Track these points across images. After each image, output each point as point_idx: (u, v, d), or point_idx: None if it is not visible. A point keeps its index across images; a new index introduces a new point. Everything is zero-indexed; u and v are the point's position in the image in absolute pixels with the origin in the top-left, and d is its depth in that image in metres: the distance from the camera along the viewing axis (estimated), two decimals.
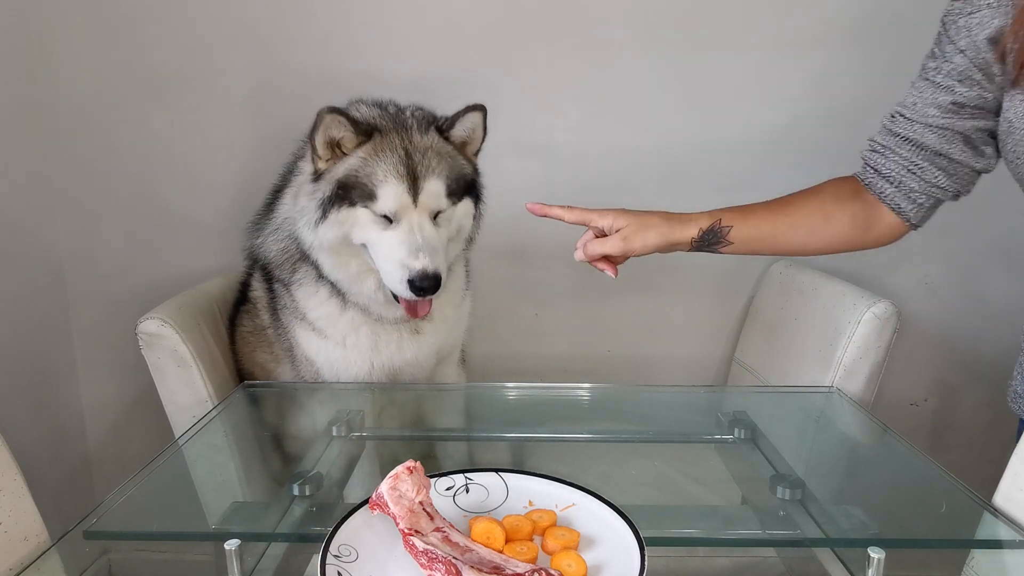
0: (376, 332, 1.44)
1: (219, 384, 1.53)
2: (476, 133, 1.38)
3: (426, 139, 1.32)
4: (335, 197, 1.28)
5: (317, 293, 1.42)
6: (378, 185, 1.26)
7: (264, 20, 1.81)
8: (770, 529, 1.10)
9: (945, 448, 2.11)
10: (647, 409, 1.57)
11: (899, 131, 1.16)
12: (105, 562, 0.98)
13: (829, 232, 1.21)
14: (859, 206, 1.20)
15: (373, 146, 1.29)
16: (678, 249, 1.24)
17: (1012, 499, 1.03)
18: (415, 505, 0.88)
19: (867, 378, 1.50)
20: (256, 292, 1.60)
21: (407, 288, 1.25)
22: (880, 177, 1.18)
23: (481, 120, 1.36)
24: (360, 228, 1.29)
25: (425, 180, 1.28)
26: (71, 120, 1.85)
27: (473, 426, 1.54)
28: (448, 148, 1.35)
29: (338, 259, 1.35)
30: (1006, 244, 1.97)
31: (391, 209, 1.27)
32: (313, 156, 1.32)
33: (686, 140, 1.90)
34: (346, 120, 1.27)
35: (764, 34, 1.84)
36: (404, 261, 1.25)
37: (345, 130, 1.28)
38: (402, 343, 1.46)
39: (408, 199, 1.27)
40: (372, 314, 1.43)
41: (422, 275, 1.24)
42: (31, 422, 1.82)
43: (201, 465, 1.27)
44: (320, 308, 1.43)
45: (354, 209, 1.28)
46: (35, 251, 1.85)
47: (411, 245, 1.25)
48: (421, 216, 1.28)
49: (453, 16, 1.83)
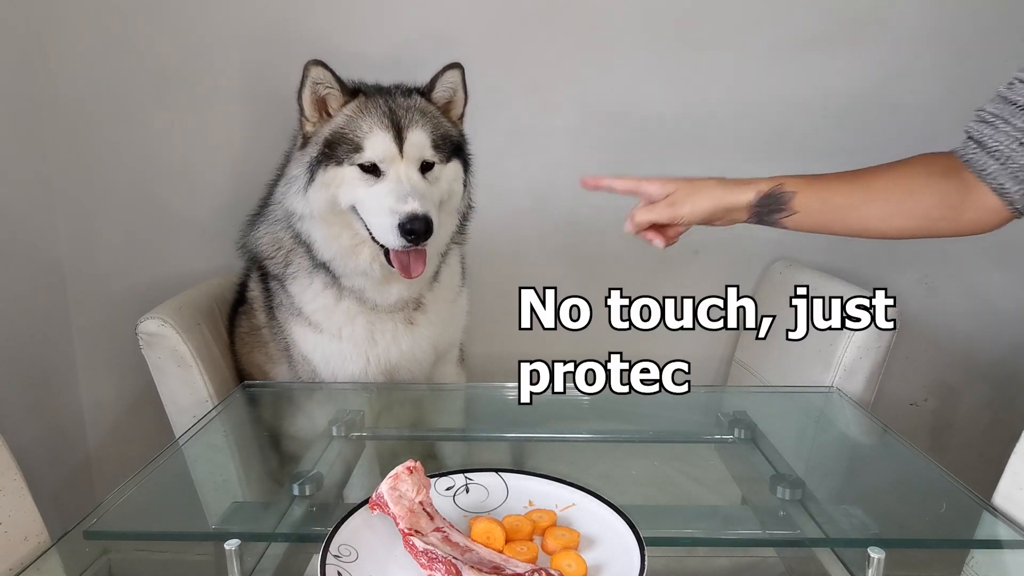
0: (372, 322, 1.43)
1: (219, 384, 1.53)
2: (457, 94, 1.41)
3: (410, 100, 1.36)
4: (322, 157, 1.30)
5: (312, 285, 1.42)
6: (363, 137, 1.28)
7: (264, 20, 1.81)
8: (770, 529, 1.10)
9: (945, 448, 2.11)
10: (647, 409, 1.57)
11: (1018, 98, 0.98)
12: (105, 562, 0.98)
13: (912, 209, 1.05)
14: (952, 184, 1.04)
15: (358, 104, 1.33)
16: (734, 218, 1.11)
17: (1012, 499, 1.03)
18: (415, 505, 0.88)
19: (867, 378, 1.50)
20: (253, 292, 1.60)
21: (398, 235, 1.23)
22: (984, 152, 1.01)
23: (460, 78, 1.39)
24: (348, 187, 1.29)
25: (409, 131, 1.30)
26: (71, 120, 1.85)
27: (473, 426, 1.54)
28: (432, 108, 1.38)
29: (329, 231, 1.34)
30: (1006, 244, 1.97)
31: (377, 158, 1.28)
32: (301, 119, 1.34)
33: (686, 140, 1.90)
34: (331, 75, 1.31)
35: (764, 34, 1.84)
36: (393, 207, 1.24)
37: (330, 87, 1.31)
38: (397, 334, 1.45)
39: (394, 148, 1.28)
40: (367, 301, 1.41)
41: (411, 216, 1.22)
42: (31, 422, 1.82)
43: (201, 465, 1.27)
44: (316, 300, 1.43)
45: (341, 168, 1.29)
46: (35, 251, 1.85)
47: (399, 192, 1.25)
48: (408, 167, 1.29)
49: (454, 17, 1.82)
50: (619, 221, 2.03)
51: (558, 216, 1.95)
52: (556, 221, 1.95)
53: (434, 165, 1.34)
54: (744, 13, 1.83)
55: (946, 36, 1.84)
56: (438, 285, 1.50)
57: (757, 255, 1.97)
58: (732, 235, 1.97)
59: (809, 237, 1.94)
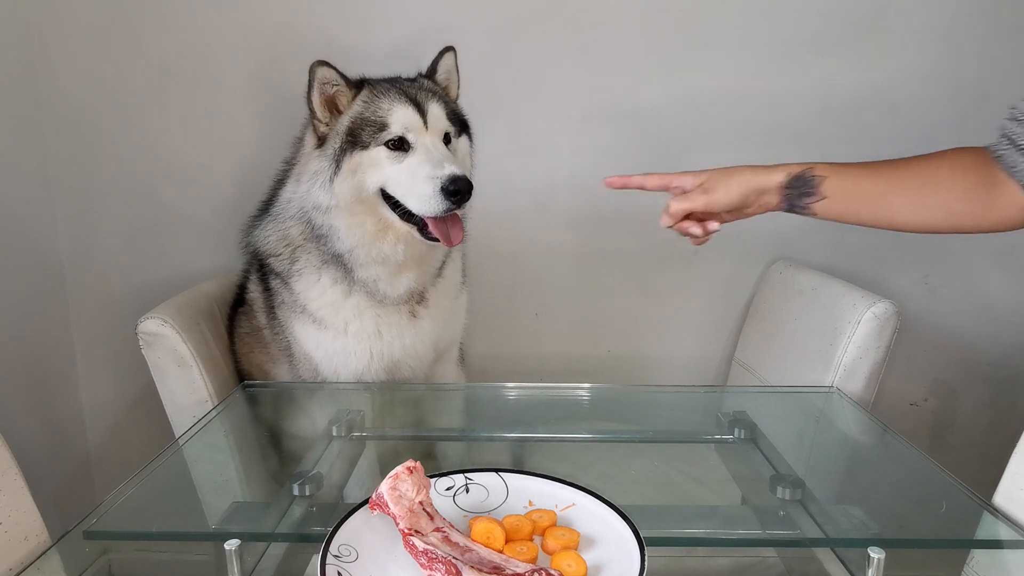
0: (379, 316, 1.45)
1: (219, 384, 1.53)
2: (452, 76, 1.48)
3: (417, 82, 1.43)
4: (345, 145, 1.33)
5: (319, 281, 1.43)
6: (387, 113, 1.32)
7: (264, 20, 1.81)
8: (770, 529, 1.09)
9: (945, 448, 2.11)
10: (647, 409, 1.57)
11: None
12: (105, 562, 0.98)
13: (939, 201, 1.05)
14: (980, 179, 1.03)
15: (369, 92, 1.36)
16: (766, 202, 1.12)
17: (1012, 499, 1.03)
18: (415, 505, 0.88)
19: (867, 378, 1.50)
20: (252, 294, 1.61)
21: (442, 198, 1.26)
22: (1016, 150, 0.99)
23: (454, 60, 1.47)
24: (375, 170, 1.32)
25: (428, 104, 1.35)
26: (71, 120, 1.85)
27: (473, 426, 1.54)
28: (437, 88, 1.45)
29: (353, 219, 1.35)
30: (1006, 244, 1.97)
31: (406, 128, 1.32)
32: (314, 122, 1.36)
33: (686, 140, 1.90)
34: (336, 73, 1.33)
35: (764, 34, 1.84)
36: (431, 173, 1.27)
37: (337, 85, 1.34)
38: (401, 328, 1.47)
39: (418, 119, 1.33)
40: (377, 294, 1.43)
41: (453, 178, 1.25)
42: (31, 422, 1.82)
43: (201, 465, 1.27)
44: (323, 296, 1.44)
45: (367, 151, 1.32)
46: (35, 251, 1.85)
47: (434, 159, 1.29)
48: (434, 137, 1.34)
49: (454, 17, 1.83)
50: (619, 221, 2.05)
51: (558, 216, 1.95)
52: (556, 221, 1.96)
53: (451, 139, 1.39)
54: (744, 13, 1.83)
55: (946, 36, 1.84)
56: (441, 280, 1.51)
57: (757, 255, 1.97)
58: (732, 235, 1.97)
59: (809, 237, 1.96)
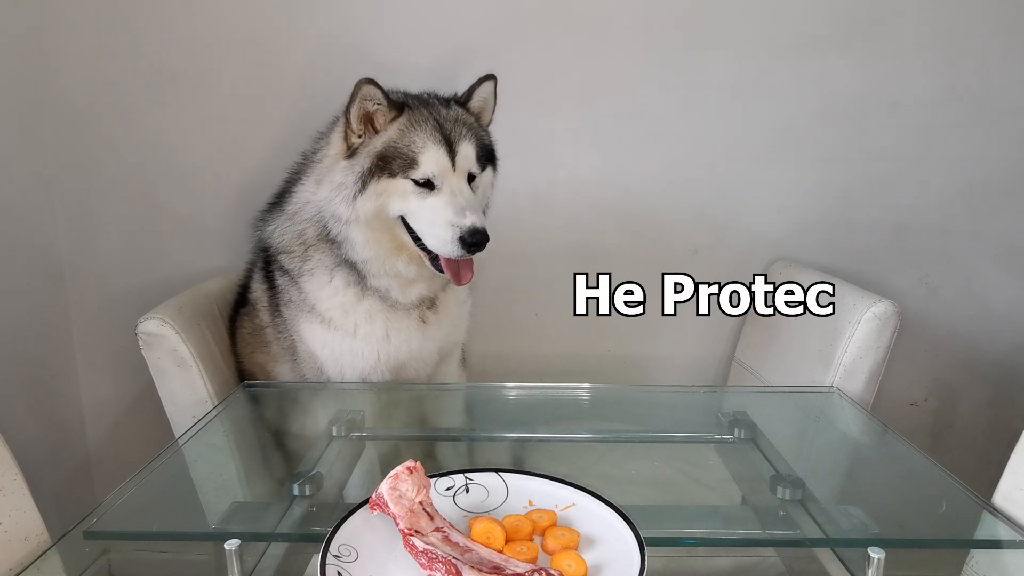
0: (389, 320, 1.46)
1: (219, 384, 1.53)
2: (488, 102, 1.49)
3: (451, 112, 1.42)
4: (375, 168, 1.34)
5: (331, 282, 1.44)
6: (419, 152, 1.33)
7: (264, 20, 1.81)
8: (770, 529, 1.10)
9: (945, 448, 2.11)
10: (647, 409, 1.57)
11: None
12: (105, 562, 0.98)
13: None
14: None
15: (407, 119, 1.37)
16: None
17: (1012, 499, 1.03)
18: (415, 505, 0.88)
19: (867, 378, 1.50)
20: (255, 293, 1.61)
21: (459, 246, 1.30)
22: None
23: (493, 89, 1.48)
24: (399, 199, 1.34)
25: (459, 144, 1.36)
26: (71, 120, 1.85)
27: (473, 426, 1.54)
28: (470, 119, 1.45)
29: (372, 234, 1.37)
30: (1006, 244, 1.97)
31: (433, 173, 1.33)
32: (347, 131, 1.37)
33: (685, 139, 1.90)
34: (380, 93, 1.34)
35: (764, 34, 1.84)
36: (453, 220, 1.30)
37: (378, 103, 1.34)
38: (410, 333, 1.48)
39: (448, 162, 1.34)
40: (389, 299, 1.44)
41: (472, 230, 1.29)
42: (31, 422, 1.82)
43: (201, 465, 1.27)
44: (334, 297, 1.44)
45: (394, 180, 1.34)
46: (35, 251, 1.85)
47: (457, 206, 1.31)
48: (460, 180, 1.36)
49: (453, 16, 1.83)
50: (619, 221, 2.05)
51: (558, 216, 1.95)
52: (556, 221, 1.96)
53: (476, 176, 1.40)
54: (744, 13, 1.83)
55: (946, 36, 1.84)
56: (452, 287, 1.51)
57: (757, 255, 1.97)
58: (732, 235, 1.98)
59: (809, 237, 1.96)
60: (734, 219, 1.95)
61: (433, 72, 1.84)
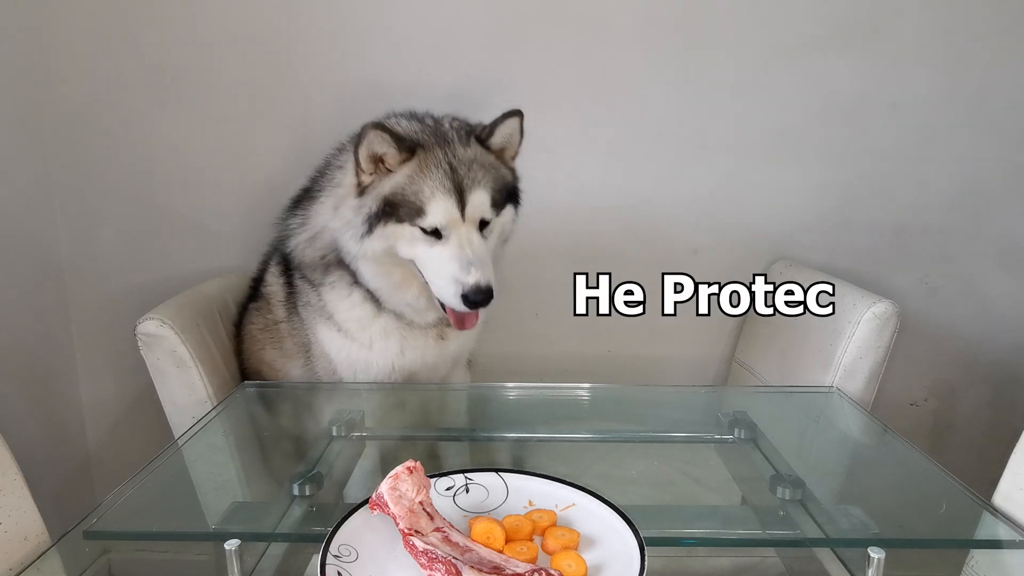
0: (404, 336, 1.46)
1: (219, 385, 1.53)
2: (514, 138, 1.39)
3: (469, 151, 1.33)
4: (381, 213, 1.29)
5: (350, 296, 1.43)
6: (426, 201, 1.27)
7: (265, 20, 1.81)
8: (770, 529, 1.10)
9: (945, 448, 2.11)
10: (647, 409, 1.57)
11: None
12: (105, 562, 0.98)
13: None
14: None
15: (418, 162, 1.30)
16: None
17: (1012, 499, 1.03)
18: (415, 505, 0.88)
19: (867, 378, 1.50)
20: (271, 287, 1.59)
21: (461, 302, 1.27)
22: None
23: (518, 125, 1.38)
24: (407, 244, 1.30)
25: (471, 192, 1.29)
26: (71, 120, 1.85)
27: (473, 426, 1.54)
28: (490, 158, 1.36)
29: (380, 268, 1.36)
30: (1006, 244, 1.97)
31: (440, 223, 1.28)
32: (357, 170, 1.32)
33: (685, 139, 1.90)
34: (389, 136, 1.27)
35: (764, 34, 1.84)
36: (457, 276, 1.27)
37: (388, 146, 1.28)
38: (426, 348, 1.48)
39: (456, 213, 1.28)
40: (405, 319, 1.44)
41: (475, 289, 1.25)
42: (31, 422, 1.81)
43: (201, 465, 1.27)
44: (352, 311, 1.44)
45: (401, 225, 1.29)
46: (35, 251, 1.84)
47: (462, 260, 1.27)
48: (469, 229, 1.30)
49: (453, 15, 1.82)
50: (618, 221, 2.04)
51: (558, 216, 1.95)
52: (556, 221, 1.95)
53: (491, 221, 1.34)
54: (744, 13, 1.83)
55: (946, 36, 1.84)
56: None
57: (757, 255, 1.97)
58: (732, 235, 1.98)
59: (809, 237, 1.96)
60: (734, 219, 1.95)
61: (433, 71, 1.84)
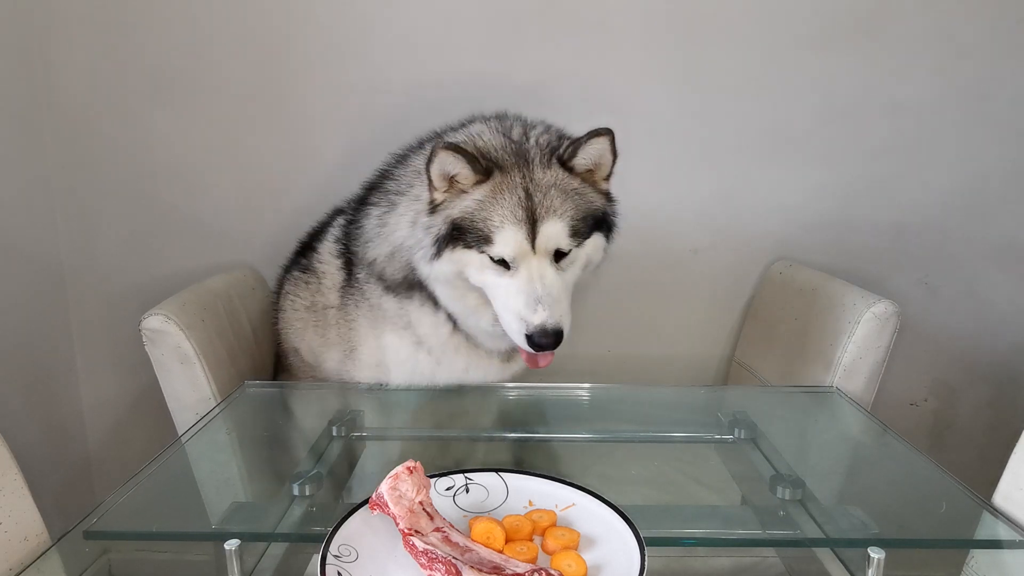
0: (471, 358, 1.45)
1: (223, 382, 1.53)
2: (604, 158, 1.28)
3: (548, 175, 1.24)
4: (449, 236, 1.23)
5: (435, 315, 1.40)
6: (494, 231, 1.20)
7: (265, 19, 1.81)
8: (770, 529, 1.09)
9: (945, 448, 2.11)
10: (647, 409, 1.57)
11: None
12: (105, 562, 0.98)
13: None
14: None
15: (492, 186, 1.22)
16: None
17: (1012, 499, 1.03)
18: (415, 505, 0.88)
19: (867, 378, 1.50)
20: (325, 267, 1.52)
21: (525, 342, 1.20)
22: None
23: (608, 145, 1.27)
24: (475, 271, 1.24)
25: (545, 222, 1.20)
26: (71, 120, 1.85)
27: (473, 426, 1.54)
28: (574, 183, 1.26)
29: (455, 292, 1.30)
30: (1006, 244, 1.97)
31: (508, 255, 1.20)
32: (429, 187, 1.26)
33: (685, 139, 1.90)
34: (463, 158, 1.20)
35: (764, 34, 1.84)
36: (522, 314, 1.19)
37: (462, 166, 1.21)
38: (490, 367, 1.48)
39: (526, 245, 1.20)
40: (479, 343, 1.43)
41: (541, 331, 1.17)
42: (31, 422, 1.82)
43: (201, 465, 1.28)
44: (435, 327, 1.41)
45: (469, 251, 1.23)
46: (35, 250, 1.85)
47: (529, 295, 1.18)
48: (541, 262, 1.21)
49: (453, 16, 1.82)
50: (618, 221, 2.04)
51: None
52: None
53: (570, 251, 1.24)
54: (744, 13, 1.83)
55: (946, 36, 1.84)
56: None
57: (757, 255, 1.97)
58: (732, 235, 1.98)
59: (809, 237, 1.96)
60: (734, 219, 1.96)
61: (433, 71, 1.84)
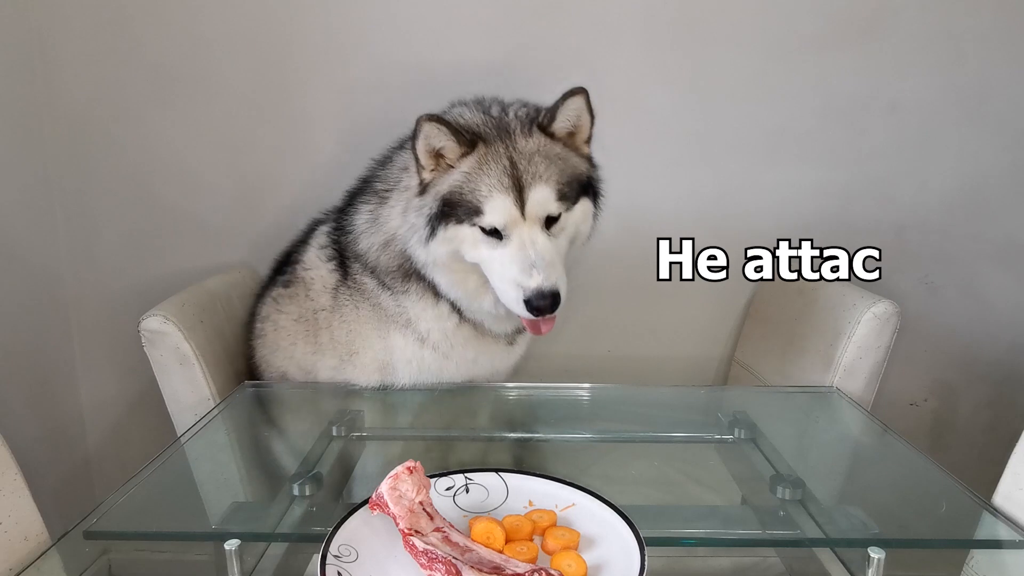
0: (479, 345, 1.44)
1: (222, 382, 1.53)
2: (582, 119, 1.30)
3: (531, 142, 1.26)
4: (441, 214, 1.24)
5: (437, 307, 1.40)
6: (483, 200, 1.21)
7: (264, 19, 1.81)
8: (770, 529, 1.10)
9: (945, 448, 2.11)
10: (647, 409, 1.57)
11: None
12: (105, 562, 0.98)
13: None
14: None
15: (476, 158, 1.24)
16: None
17: (1012, 499, 1.03)
18: (415, 505, 0.88)
19: (867, 378, 1.50)
20: (314, 272, 1.51)
21: (524, 308, 1.20)
22: None
23: (584, 103, 1.27)
24: (471, 247, 1.25)
25: (532, 188, 1.21)
26: (71, 120, 1.85)
27: (473, 426, 1.54)
28: (556, 148, 1.28)
29: (454, 276, 1.31)
30: (1006, 244, 1.97)
31: (499, 224, 1.21)
32: (417, 167, 1.27)
33: (685, 139, 1.90)
34: (447, 129, 1.21)
35: (764, 34, 1.84)
36: (518, 280, 1.20)
37: (446, 139, 1.22)
38: (495, 355, 1.48)
39: (516, 212, 1.21)
40: (486, 330, 1.43)
41: (538, 294, 1.18)
42: (31, 422, 1.81)
43: (201, 465, 1.28)
44: (439, 321, 1.41)
45: (461, 227, 1.24)
46: (35, 251, 1.84)
47: (524, 262, 1.20)
48: (532, 228, 1.22)
49: (453, 15, 1.82)
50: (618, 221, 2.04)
51: None
52: None
53: (560, 216, 1.26)
54: (744, 13, 1.83)
55: (946, 36, 1.84)
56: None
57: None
58: (732, 235, 1.97)
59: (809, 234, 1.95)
60: (734, 219, 1.95)
61: (433, 70, 1.84)
